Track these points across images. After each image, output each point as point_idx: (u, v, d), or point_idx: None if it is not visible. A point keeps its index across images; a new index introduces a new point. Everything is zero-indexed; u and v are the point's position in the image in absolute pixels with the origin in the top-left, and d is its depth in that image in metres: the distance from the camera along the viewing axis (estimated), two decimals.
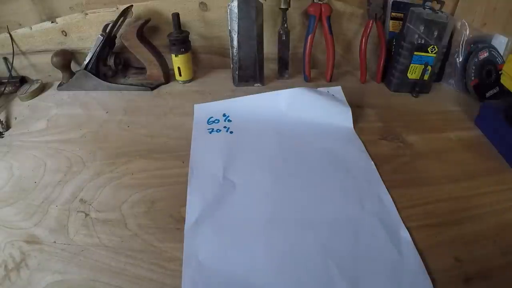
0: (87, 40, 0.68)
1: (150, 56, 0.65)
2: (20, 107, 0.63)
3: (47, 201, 0.43)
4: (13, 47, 0.67)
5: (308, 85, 0.70)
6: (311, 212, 0.42)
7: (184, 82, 0.70)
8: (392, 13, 0.70)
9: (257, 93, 0.60)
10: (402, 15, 0.70)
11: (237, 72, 0.67)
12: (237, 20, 0.62)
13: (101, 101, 0.64)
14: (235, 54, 0.65)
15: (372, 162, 0.50)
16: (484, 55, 0.67)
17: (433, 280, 0.35)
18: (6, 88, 0.66)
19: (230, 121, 0.57)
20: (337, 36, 0.72)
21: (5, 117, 0.60)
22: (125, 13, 0.64)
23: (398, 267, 0.36)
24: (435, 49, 0.64)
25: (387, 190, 0.45)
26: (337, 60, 0.71)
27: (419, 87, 0.67)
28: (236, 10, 0.61)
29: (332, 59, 0.69)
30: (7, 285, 0.34)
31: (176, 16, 0.63)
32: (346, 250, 0.38)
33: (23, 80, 0.70)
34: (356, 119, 0.58)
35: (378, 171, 0.48)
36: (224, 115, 0.59)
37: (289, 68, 0.71)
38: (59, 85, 0.68)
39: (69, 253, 0.37)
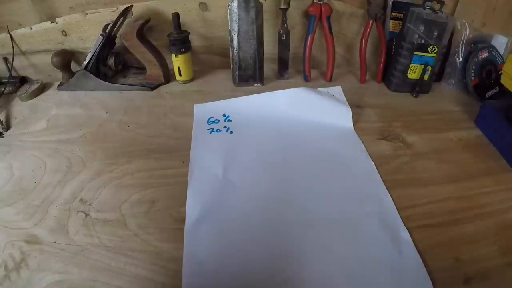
0: (87, 40, 0.68)
1: (150, 56, 0.65)
2: (20, 107, 0.63)
3: (47, 201, 0.43)
4: (13, 47, 0.67)
5: (308, 85, 0.70)
6: (311, 212, 0.42)
7: (184, 82, 0.70)
8: (392, 13, 0.70)
9: (257, 93, 0.60)
10: (402, 15, 0.70)
11: (237, 72, 0.67)
12: (237, 20, 0.62)
13: (101, 101, 0.64)
14: (235, 54, 0.65)
15: (372, 162, 0.50)
16: (484, 55, 0.67)
17: (433, 280, 0.35)
18: (6, 88, 0.66)
19: (230, 121, 0.57)
20: (337, 36, 0.72)
21: (5, 117, 0.60)
22: (125, 13, 0.64)
23: (398, 267, 0.36)
24: (435, 49, 0.64)
25: (387, 190, 0.45)
26: (337, 60, 0.71)
27: (419, 87, 0.67)
28: (236, 10, 0.61)
29: (332, 59, 0.69)
30: (7, 285, 0.34)
31: (176, 16, 0.63)
32: (346, 250, 0.38)
33: (23, 80, 0.70)
34: (356, 119, 0.58)
35: (378, 171, 0.48)
36: (224, 115, 0.59)
37: (289, 68, 0.71)
38: (59, 85, 0.68)
39: (69, 253, 0.37)
